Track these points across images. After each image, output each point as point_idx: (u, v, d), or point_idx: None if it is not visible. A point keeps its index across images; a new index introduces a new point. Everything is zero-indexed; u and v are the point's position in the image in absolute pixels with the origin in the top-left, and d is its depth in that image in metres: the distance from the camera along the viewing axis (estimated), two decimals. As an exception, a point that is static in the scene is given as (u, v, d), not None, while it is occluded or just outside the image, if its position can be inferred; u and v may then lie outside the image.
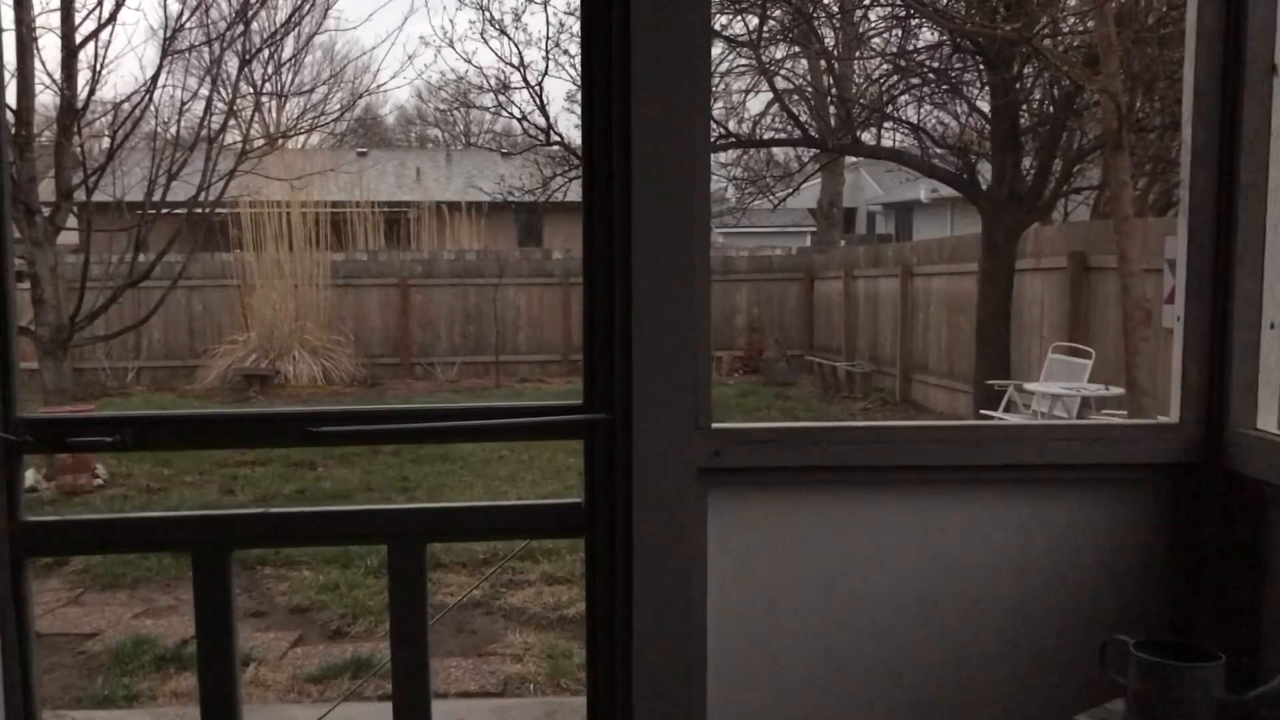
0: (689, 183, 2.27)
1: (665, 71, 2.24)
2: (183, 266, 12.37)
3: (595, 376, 2.39)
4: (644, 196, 2.27)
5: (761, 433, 2.37)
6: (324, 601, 6.26)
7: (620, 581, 2.37)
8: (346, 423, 2.39)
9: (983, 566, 2.45)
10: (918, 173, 12.77)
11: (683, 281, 2.28)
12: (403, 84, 59.12)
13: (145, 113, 10.47)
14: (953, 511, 2.43)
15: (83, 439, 2.35)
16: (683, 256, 2.28)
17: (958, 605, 2.45)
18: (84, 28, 10.11)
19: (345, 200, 20.23)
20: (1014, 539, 2.44)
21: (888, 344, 15.61)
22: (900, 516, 2.43)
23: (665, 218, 2.27)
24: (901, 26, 11.88)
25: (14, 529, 2.29)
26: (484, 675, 5.19)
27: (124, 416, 2.33)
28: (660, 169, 2.26)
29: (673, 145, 2.26)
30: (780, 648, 2.43)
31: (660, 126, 2.25)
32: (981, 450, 2.38)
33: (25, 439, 2.30)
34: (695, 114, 2.27)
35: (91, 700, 4.87)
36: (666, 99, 2.25)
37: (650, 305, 2.29)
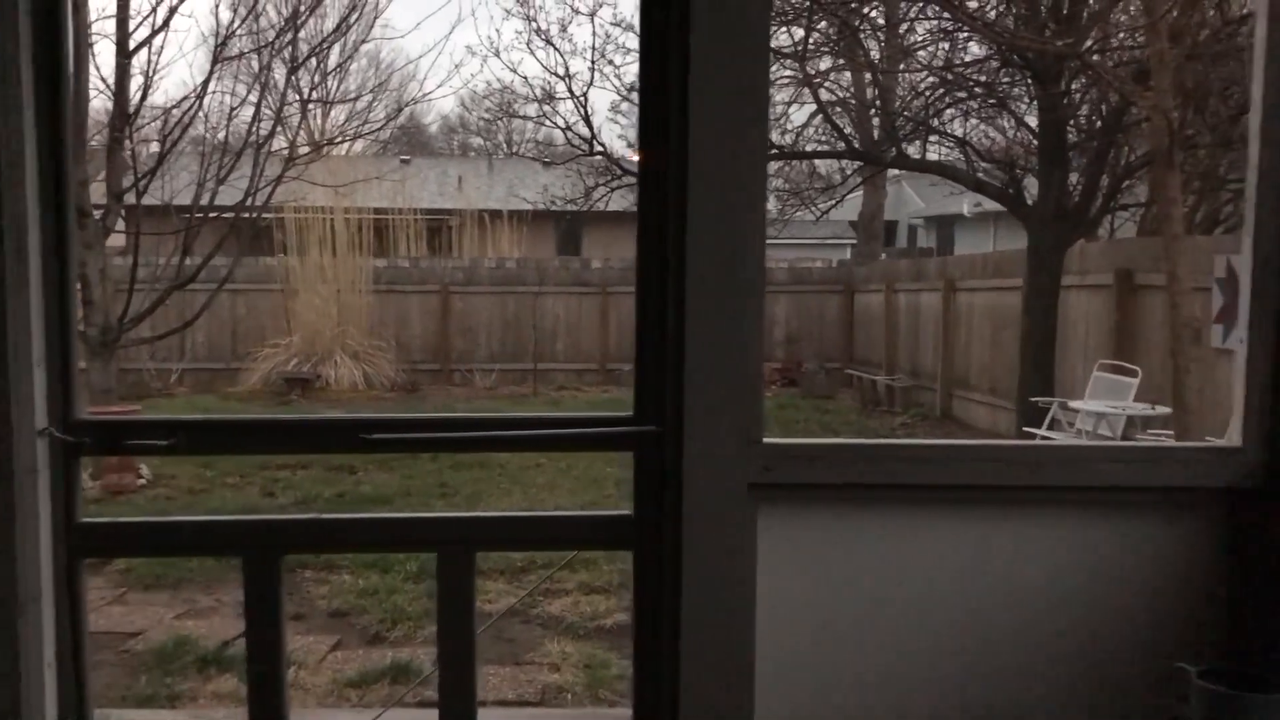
0: (745, 194, 2.26)
1: (723, 82, 2.24)
2: (229, 270, 12.51)
3: (645, 388, 2.39)
4: (699, 208, 2.26)
5: (814, 448, 2.35)
6: (363, 606, 6.29)
7: (668, 595, 2.36)
8: (398, 430, 2.40)
9: (1038, 588, 2.41)
10: (963, 187, 12.68)
11: (736, 294, 2.27)
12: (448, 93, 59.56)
13: (195, 118, 10.61)
14: (1007, 532, 2.40)
15: (138, 442, 2.38)
16: (737, 268, 2.27)
17: (1011, 627, 2.41)
18: (137, 34, 10.25)
19: (388, 207, 20.38)
20: (1070, 561, 2.40)
21: (929, 358, 15.49)
22: (954, 536, 2.40)
23: (720, 229, 2.26)
24: (949, 40, 11.81)
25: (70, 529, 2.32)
26: (522, 684, 5.19)
27: (179, 420, 2.36)
28: (716, 180, 2.25)
29: (729, 156, 2.25)
30: (829, 665, 2.41)
31: (717, 137, 2.25)
32: (1039, 471, 2.35)
33: (84, 440, 2.33)
34: (752, 125, 2.26)
35: (135, 699, 4.92)
36: (724, 110, 2.24)
37: (703, 317, 2.28)
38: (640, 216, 2.37)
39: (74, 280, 2.33)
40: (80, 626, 2.40)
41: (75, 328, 2.34)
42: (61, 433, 2.31)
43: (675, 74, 2.27)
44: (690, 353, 2.28)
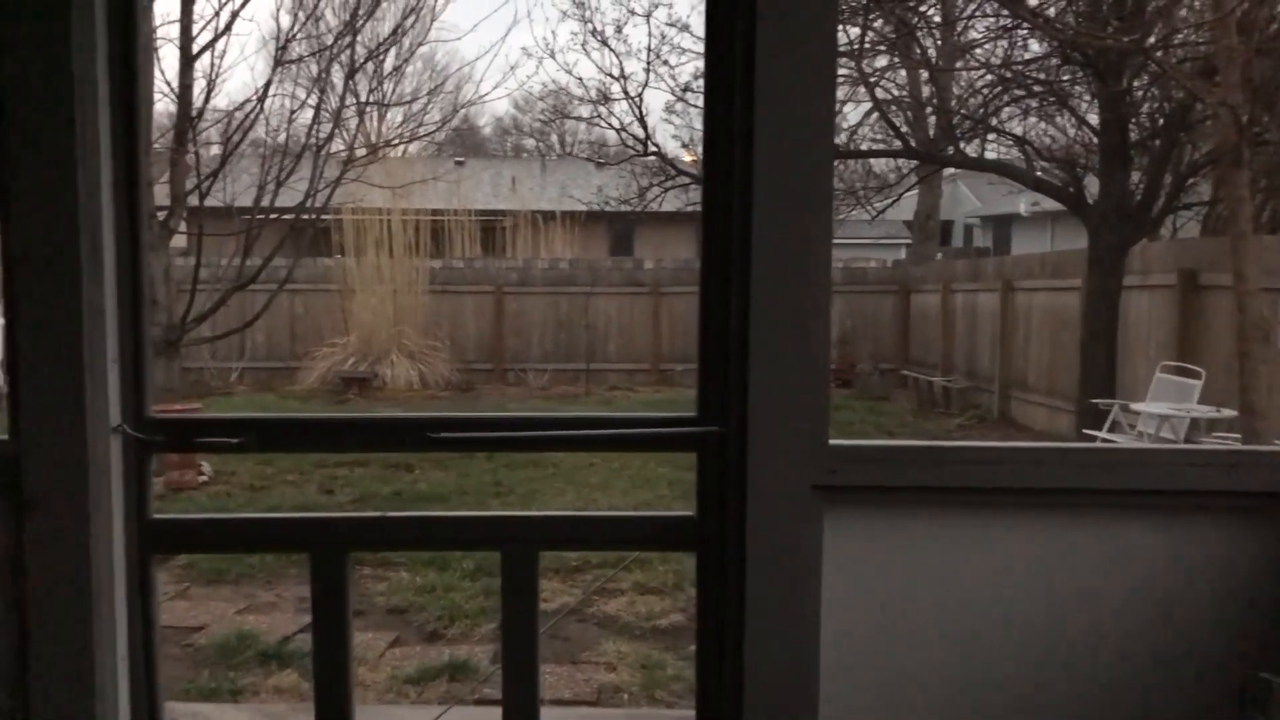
0: (811, 192, 2.24)
1: (790, 79, 2.22)
2: (288, 271, 12.68)
3: (709, 389, 2.37)
4: (764, 207, 2.24)
5: (881, 450, 2.32)
6: (421, 603, 6.34)
7: (732, 598, 2.34)
8: (464, 429, 2.41)
9: (1109, 594, 2.36)
10: (1022, 186, 12.51)
11: (803, 293, 2.25)
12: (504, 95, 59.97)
13: (256, 121, 10.77)
14: (1079, 537, 2.36)
15: (208, 440, 2.41)
16: (803, 267, 2.24)
17: (1082, 633, 2.37)
18: (200, 39, 10.43)
19: (443, 208, 20.55)
20: (1143, 567, 2.35)
21: (986, 359, 15.30)
22: (1023, 540, 2.36)
23: (785, 228, 2.24)
24: (1008, 37, 11.65)
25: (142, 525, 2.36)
26: (578, 683, 5.20)
27: (248, 419, 2.39)
28: (782, 177, 2.23)
29: (795, 155, 2.23)
30: (894, 669, 2.38)
31: (784, 135, 2.23)
32: (1111, 474, 2.30)
33: (155, 438, 2.37)
34: (819, 122, 2.24)
35: (198, 692, 5.00)
36: (790, 107, 2.22)
37: (768, 317, 2.26)
38: (704, 216, 2.36)
39: (147, 281, 2.37)
40: (151, 621, 2.43)
41: (148, 327, 2.38)
42: (134, 430, 2.35)
43: (740, 72, 2.25)
44: (755, 353, 2.27)
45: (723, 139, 2.30)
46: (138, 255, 2.35)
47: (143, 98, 2.38)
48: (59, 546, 2.29)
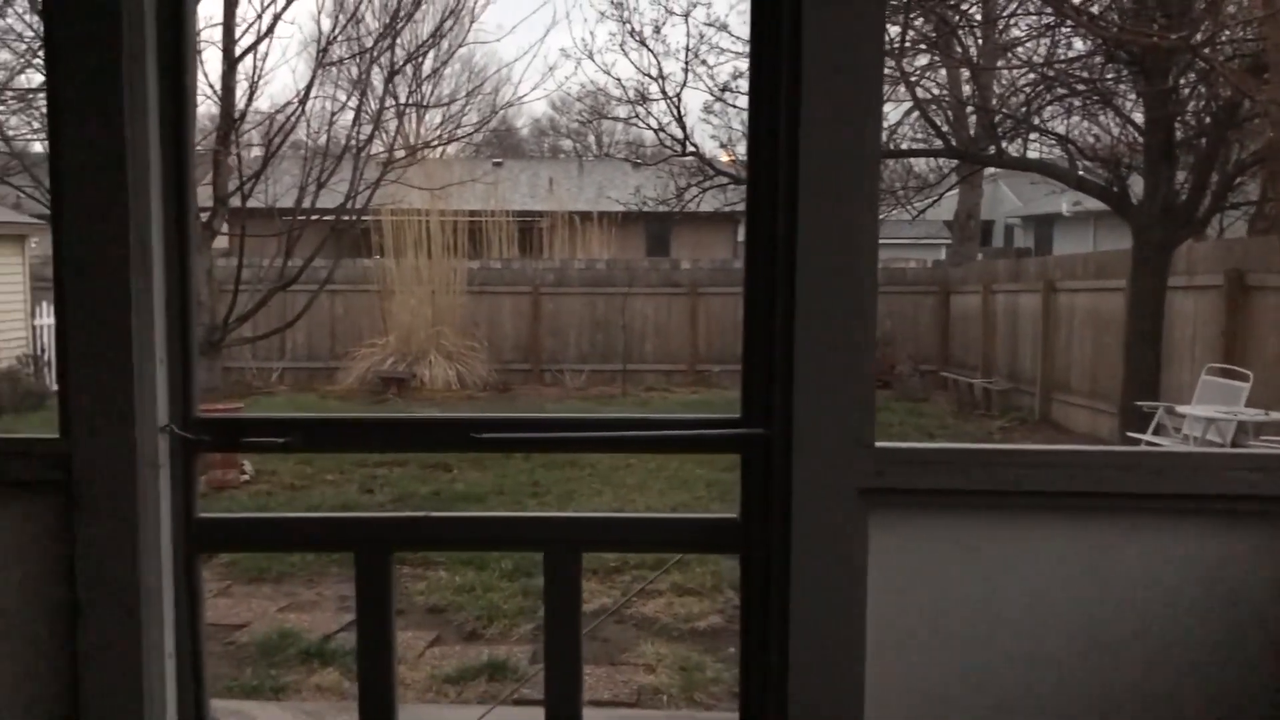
0: (857, 192, 2.22)
1: (836, 78, 2.20)
2: (329, 272, 12.78)
3: (753, 390, 2.36)
4: (809, 207, 2.22)
5: (928, 453, 2.30)
6: (460, 603, 6.36)
7: (776, 600, 2.33)
8: (507, 430, 2.41)
9: (1159, 600, 2.32)
10: (1065, 185, 12.36)
11: (849, 293, 2.23)
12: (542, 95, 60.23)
13: (297, 123, 10.87)
14: (1128, 541, 2.32)
15: (255, 439, 2.43)
16: (849, 267, 2.22)
17: (1130, 639, 2.33)
18: (243, 41, 10.54)
19: (481, 209, 20.65)
20: (1193, 572, 2.31)
21: (1027, 361, 15.14)
22: (1071, 544, 2.33)
23: (832, 227, 2.22)
24: (1050, 35, 11.52)
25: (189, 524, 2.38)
26: (617, 684, 5.19)
27: (294, 419, 2.40)
28: (828, 177, 2.21)
29: (842, 153, 2.21)
30: (940, 672, 2.36)
31: (829, 134, 2.21)
32: (1162, 478, 2.26)
33: (203, 438, 2.39)
34: (865, 121, 2.22)
35: (241, 689, 5.04)
36: (836, 106, 2.21)
37: (813, 318, 2.24)
38: (749, 217, 2.34)
39: (194, 282, 2.39)
40: (197, 619, 2.46)
41: (195, 328, 2.39)
42: (181, 430, 2.37)
43: (786, 69, 2.23)
44: (799, 354, 2.25)
45: (767, 137, 2.29)
46: (185, 256, 2.37)
47: (190, 101, 2.40)
48: (108, 544, 2.31)
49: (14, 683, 2.38)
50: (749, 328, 2.34)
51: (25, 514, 2.37)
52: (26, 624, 2.37)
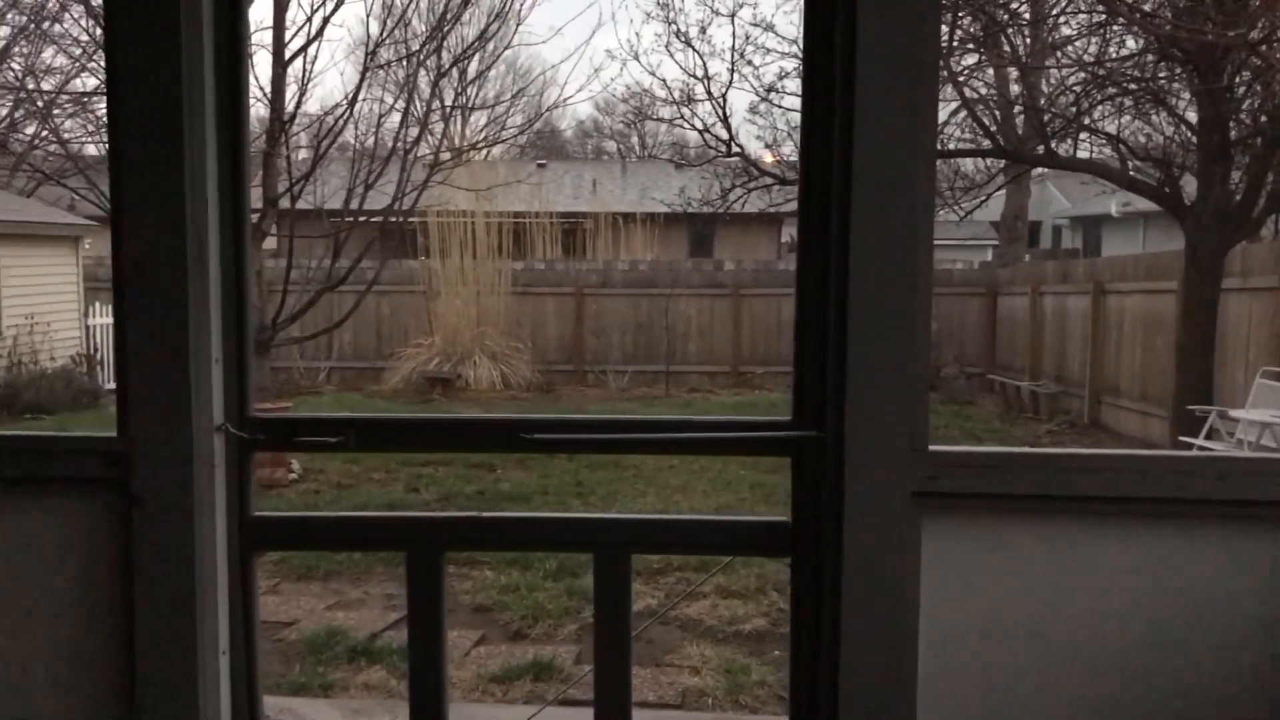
0: (912, 192, 2.20)
1: (891, 77, 2.18)
2: (376, 272, 12.88)
3: (805, 392, 2.34)
4: (863, 207, 2.20)
5: (982, 457, 2.27)
6: (505, 602, 6.38)
7: (827, 605, 2.31)
8: (557, 431, 2.41)
9: (1218, 607, 2.28)
10: (1115, 186, 12.19)
11: (902, 296, 2.21)
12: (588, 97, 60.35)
13: (345, 125, 10.97)
14: (1187, 547, 2.28)
15: (309, 438, 2.45)
16: (904, 269, 2.20)
17: (1188, 647, 2.29)
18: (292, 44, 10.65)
19: (525, 210, 20.73)
20: (1255, 581, 2.26)
21: (1076, 364, 14.95)
22: (1128, 550, 2.29)
23: (887, 228, 2.20)
24: (1101, 33, 11.36)
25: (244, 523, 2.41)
26: (662, 686, 5.19)
27: (347, 418, 2.42)
28: (882, 177, 2.19)
29: (897, 153, 2.19)
30: (994, 680, 2.33)
31: (884, 133, 2.19)
32: (1224, 484, 2.22)
33: (258, 437, 2.41)
34: (921, 120, 2.20)
35: (290, 687, 5.09)
36: (891, 105, 2.18)
37: (867, 319, 2.22)
38: (801, 217, 2.33)
39: (250, 282, 2.41)
40: (251, 616, 2.48)
41: (251, 328, 2.42)
42: (237, 429, 2.40)
43: (840, 67, 2.22)
44: (852, 357, 2.23)
45: (820, 137, 2.27)
46: (241, 256, 2.40)
47: (245, 101, 2.43)
48: (164, 541, 2.34)
49: (72, 678, 2.42)
50: (800, 329, 2.33)
51: (83, 511, 2.40)
52: (84, 619, 2.41)
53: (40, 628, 2.42)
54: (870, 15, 2.17)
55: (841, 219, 2.22)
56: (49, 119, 18.32)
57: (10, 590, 2.42)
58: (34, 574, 2.42)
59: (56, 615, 2.41)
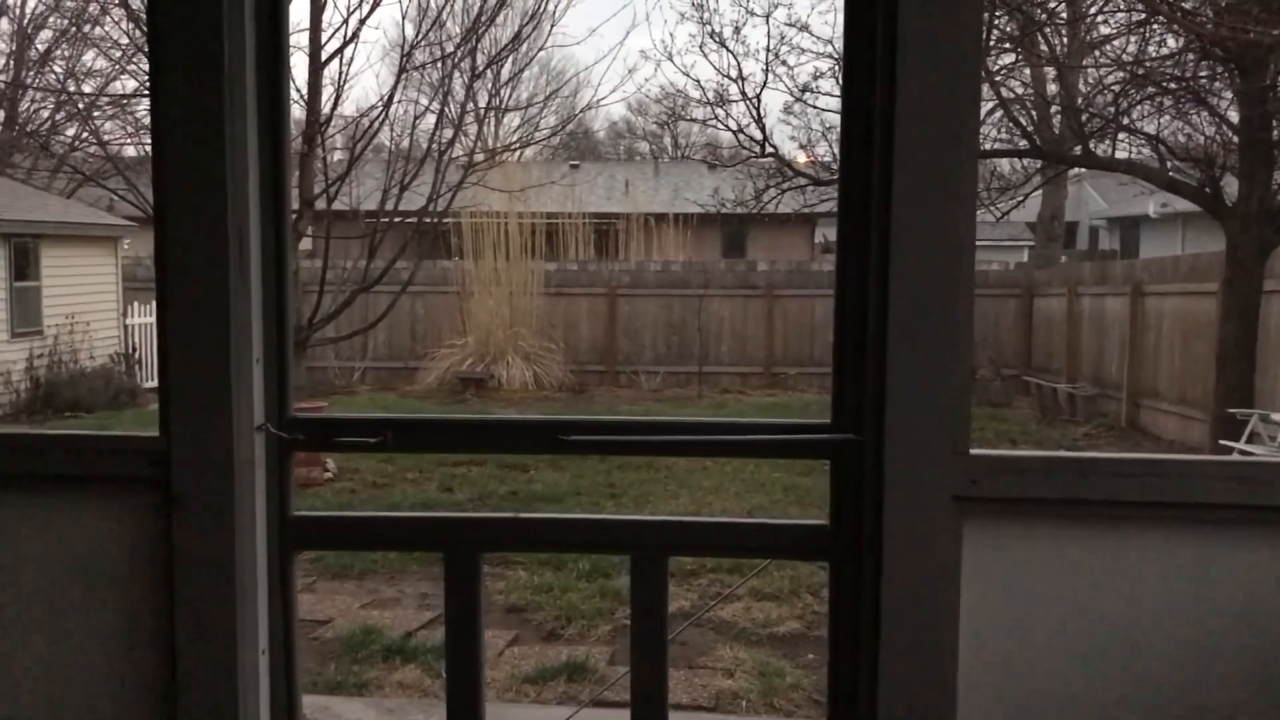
0: (954, 193, 2.17)
1: (932, 76, 2.15)
2: (411, 273, 12.93)
3: (844, 394, 2.32)
4: (906, 205, 2.18)
5: (1025, 461, 2.24)
6: (538, 603, 6.40)
7: (866, 609, 2.28)
8: (595, 432, 2.40)
9: (1265, 616, 2.23)
10: (1154, 187, 12.04)
11: (945, 296, 2.18)
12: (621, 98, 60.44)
13: (381, 127, 11.02)
14: (1235, 556, 2.23)
15: (348, 439, 2.46)
16: (947, 268, 2.17)
17: (1235, 659, 2.24)
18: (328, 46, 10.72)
19: (558, 211, 20.77)
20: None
21: (1113, 366, 14.78)
22: (1174, 556, 2.25)
23: (928, 227, 2.18)
24: (1141, 32, 11.23)
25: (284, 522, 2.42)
26: (696, 688, 5.17)
27: (386, 419, 2.43)
28: (923, 177, 2.17)
29: (938, 153, 2.16)
30: (1036, 687, 2.30)
31: (925, 133, 2.16)
32: (1273, 490, 2.18)
33: (297, 436, 2.42)
34: (963, 120, 2.17)
35: (325, 685, 5.12)
36: (932, 104, 2.16)
37: (908, 320, 2.20)
38: (840, 218, 2.31)
39: (291, 282, 2.42)
40: (290, 615, 2.49)
41: (291, 328, 2.43)
42: (277, 429, 2.41)
43: (881, 65, 2.20)
44: (893, 359, 2.21)
45: (860, 136, 2.25)
46: (282, 256, 2.41)
47: (286, 102, 2.44)
48: (205, 540, 2.35)
49: (112, 675, 2.44)
50: (840, 331, 2.31)
51: (125, 509, 2.42)
52: (124, 618, 2.43)
53: (80, 625, 2.44)
54: (911, 13, 2.14)
55: (882, 219, 2.20)
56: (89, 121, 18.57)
57: (51, 588, 2.44)
58: (75, 571, 2.44)
59: (97, 613, 2.43)
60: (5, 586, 2.44)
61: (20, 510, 2.45)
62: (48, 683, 2.46)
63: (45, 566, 2.44)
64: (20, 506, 2.45)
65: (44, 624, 2.45)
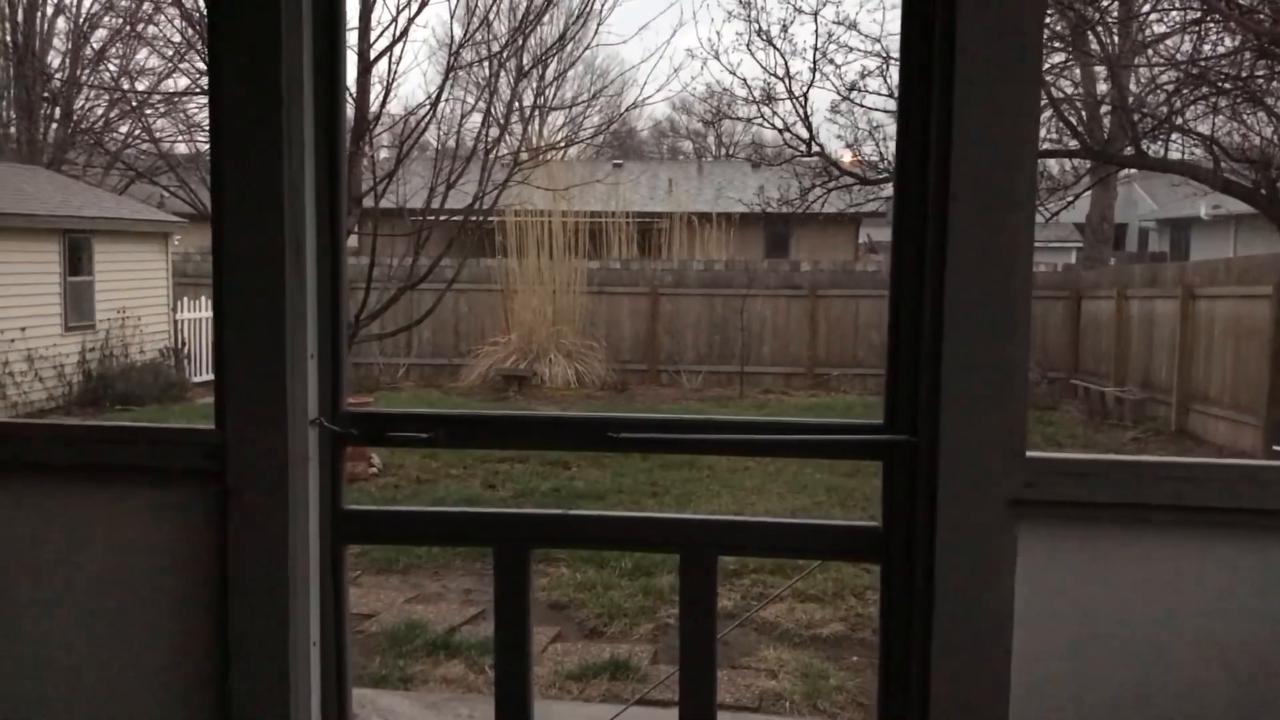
0: (1013, 194, 2.15)
1: (992, 75, 2.13)
2: (456, 271, 13.00)
3: (898, 395, 2.30)
4: (963, 205, 2.16)
5: (1082, 464, 2.21)
6: (581, 600, 6.41)
7: (919, 613, 2.27)
8: (646, 430, 2.40)
9: None
10: (1208, 188, 11.85)
11: (1002, 299, 2.16)
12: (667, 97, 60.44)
13: (428, 125, 11.07)
14: (1294, 561, 2.19)
15: (400, 434, 2.47)
16: (1005, 269, 2.15)
17: (1293, 665, 2.20)
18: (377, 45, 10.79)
19: (601, 210, 20.79)
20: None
21: (1162, 370, 14.55)
22: (1235, 564, 2.21)
23: (986, 227, 2.16)
24: (1196, 31, 11.05)
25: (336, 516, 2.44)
26: (739, 688, 5.16)
27: (437, 415, 2.44)
28: (982, 178, 2.15)
29: (997, 154, 2.14)
30: (1089, 694, 2.27)
31: (984, 134, 2.14)
32: (1339, 496, 2.13)
33: (350, 431, 2.44)
34: (1023, 120, 2.15)
35: (370, 679, 5.16)
36: (992, 104, 2.14)
37: (965, 321, 2.18)
38: (896, 218, 2.29)
39: (345, 278, 2.45)
40: (342, 608, 2.51)
41: (346, 324, 2.45)
42: (330, 423, 2.43)
43: (939, 68, 2.17)
44: (949, 360, 2.19)
45: (917, 133, 2.23)
46: (336, 254, 2.43)
47: (341, 100, 2.46)
48: (259, 533, 2.38)
49: (168, 665, 2.47)
50: (895, 331, 2.29)
51: (181, 502, 2.45)
52: (179, 608, 2.46)
53: (138, 611, 2.47)
54: (970, 8, 2.12)
55: (938, 218, 2.18)
56: (142, 118, 18.86)
57: (109, 574, 2.48)
58: (132, 559, 2.47)
59: (153, 600, 2.47)
60: (66, 573, 2.49)
61: (80, 500, 2.50)
62: (106, 666, 2.50)
63: (104, 554, 2.48)
64: (80, 496, 2.50)
65: (102, 609, 2.49)
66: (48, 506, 2.50)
